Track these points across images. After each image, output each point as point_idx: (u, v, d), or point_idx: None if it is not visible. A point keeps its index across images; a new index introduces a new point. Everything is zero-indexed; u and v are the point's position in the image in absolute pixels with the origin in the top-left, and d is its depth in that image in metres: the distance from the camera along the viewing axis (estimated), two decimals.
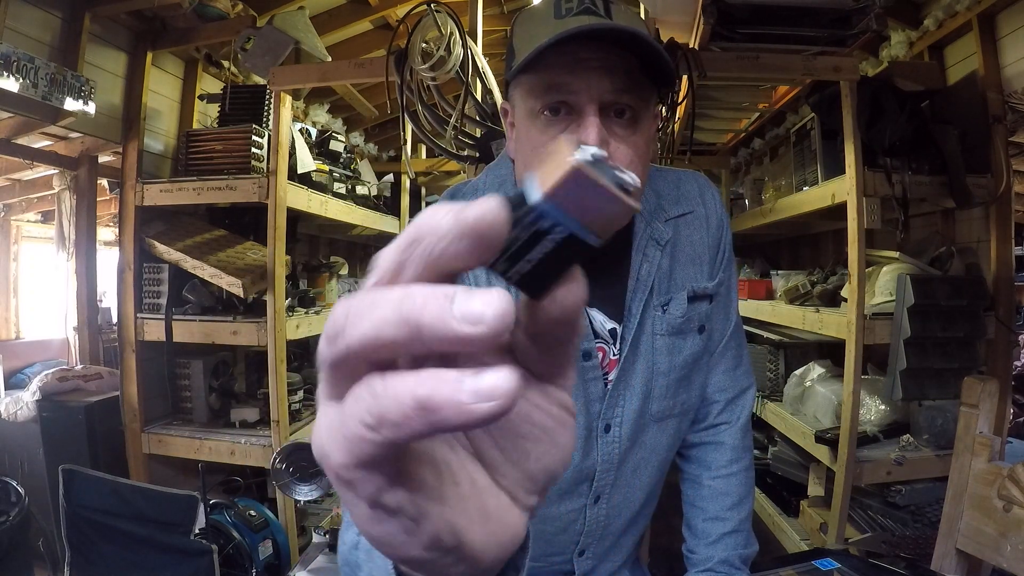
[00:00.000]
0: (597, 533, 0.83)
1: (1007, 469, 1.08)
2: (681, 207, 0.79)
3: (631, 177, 0.23)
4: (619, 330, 0.75)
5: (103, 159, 2.94)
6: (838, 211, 2.24)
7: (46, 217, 4.53)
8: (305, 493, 2.06)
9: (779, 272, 3.25)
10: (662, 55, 0.61)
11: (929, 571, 0.99)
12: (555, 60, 0.61)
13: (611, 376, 0.76)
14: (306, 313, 2.74)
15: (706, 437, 0.90)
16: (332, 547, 1.88)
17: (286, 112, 2.39)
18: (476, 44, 2.37)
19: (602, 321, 0.76)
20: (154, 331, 2.48)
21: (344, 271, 3.56)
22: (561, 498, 0.78)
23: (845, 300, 2.33)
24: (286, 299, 2.46)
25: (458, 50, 2.14)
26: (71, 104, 2.12)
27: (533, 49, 0.60)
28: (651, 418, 0.79)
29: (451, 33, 2.12)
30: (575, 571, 0.86)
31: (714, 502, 0.88)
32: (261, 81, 2.66)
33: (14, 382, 3.57)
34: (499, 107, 0.81)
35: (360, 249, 5.03)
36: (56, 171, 2.93)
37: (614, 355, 0.76)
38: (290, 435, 2.41)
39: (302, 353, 3.42)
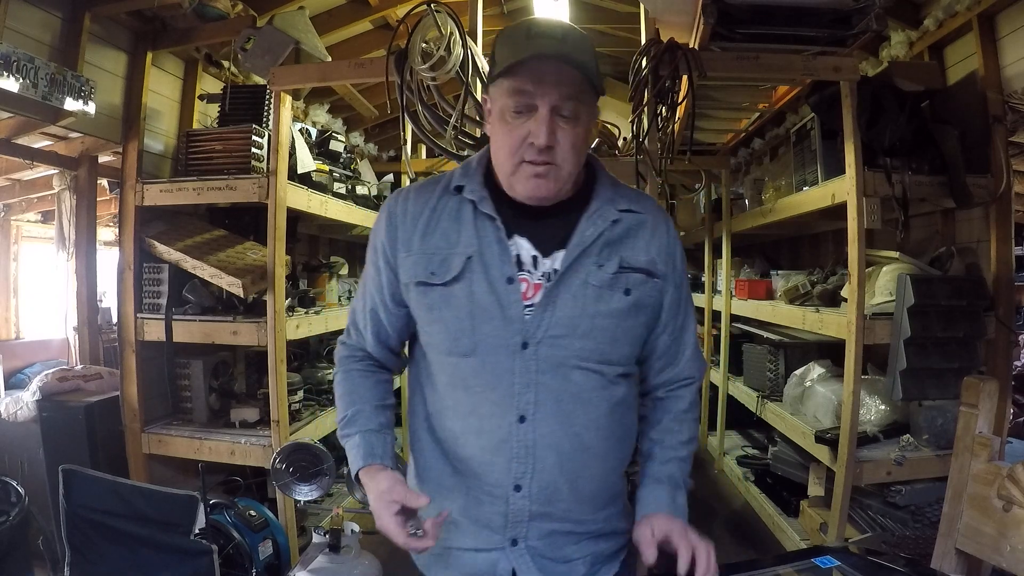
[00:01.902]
0: (528, 462, 0.92)
1: (1007, 469, 1.08)
2: (634, 207, 0.99)
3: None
4: (541, 260, 0.93)
5: (103, 159, 2.94)
6: (838, 211, 2.24)
7: (46, 217, 4.53)
8: (305, 493, 2.06)
9: (779, 272, 3.25)
10: (592, 77, 0.88)
11: (929, 570, 0.99)
12: (523, 73, 0.86)
13: (536, 299, 0.92)
14: (306, 313, 2.74)
15: (671, 392, 1.06)
16: (332, 547, 1.88)
17: (286, 112, 2.40)
18: (476, 44, 2.37)
19: (528, 249, 0.94)
20: (154, 331, 2.48)
21: (344, 271, 3.56)
22: (492, 410, 0.92)
23: (845, 300, 2.33)
24: (286, 299, 2.47)
25: (458, 50, 2.14)
26: (71, 104, 2.13)
27: (507, 63, 0.86)
28: (576, 354, 0.92)
29: (451, 33, 2.12)
30: (509, 508, 0.93)
31: (671, 436, 1.04)
32: (261, 81, 2.66)
33: (14, 382, 3.57)
34: (481, 98, 1.02)
35: (360, 249, 5.01)
36: (56, 171, 2.93)
37: (536, 280, 0.93)
38: (290, 435, 2.41)
39: (302, 353, 3.42)
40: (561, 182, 0.92)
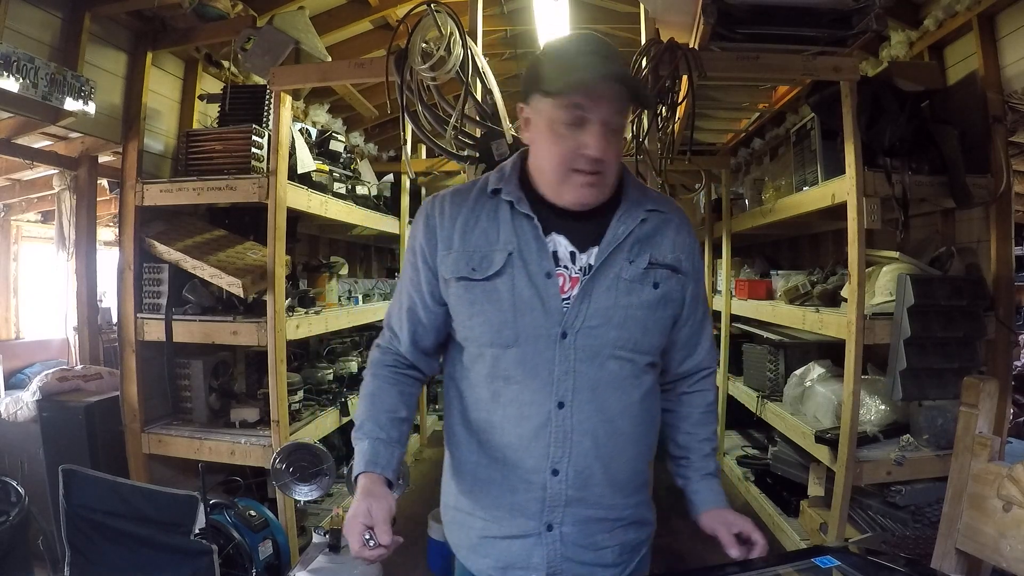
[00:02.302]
0: (566, 447, 0.97)
1: (1007, 469, 1.08)
2: (658, 207, 1.06)
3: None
4: (578, 255, 1.00)
5: (103, 159, 2.94)
6: (838, 211, 2.24)
7: (46, 217, 4.53)
8: (305, 493, 2.06)
9: (779, 272, 3.25)
10: (644, 92, 1.02)
11: (929, 569, 0.98)
12: (579, 90, 0.93)
13: (574, 292, 0.98)
14: (306, 313, 2.74)
15: (696, 387, 1.14)
16: (332, 547, 1.88)
17: (286, 112, 2.40)
18: (476, 44, 2.37)
19: (565, 245, 1.00)
20: (154, 331, 2.48)
21: (344, 271, 3.56)
22: (532, 400, 0.97)
23: (845, 300, 2.33)
24: (286, 299, 2.46)
25: (458, 50, 2.14)
26: (71, 104, 2.12)
27: (563, 80, 0.92)
28: (610, 343, 0.98)
29: (451, 33, 2.12)
30: (546, 494, 0.98)
31: (704, 428, 1.13)
32: (261, 81, 2.66)
33: (14, 382, 3.57)
34: (517, 106, 1.06)
35: (360, 249, 5.03)
36: (56, 171, 2.93)
37: (575, 274, 0.99)
38: (290, 435, 2.41)
39: (302, 353, 3.42)
40: (607, 189, 1.00)
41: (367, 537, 0.89)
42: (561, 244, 1.00)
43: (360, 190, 3.37)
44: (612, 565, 1.03)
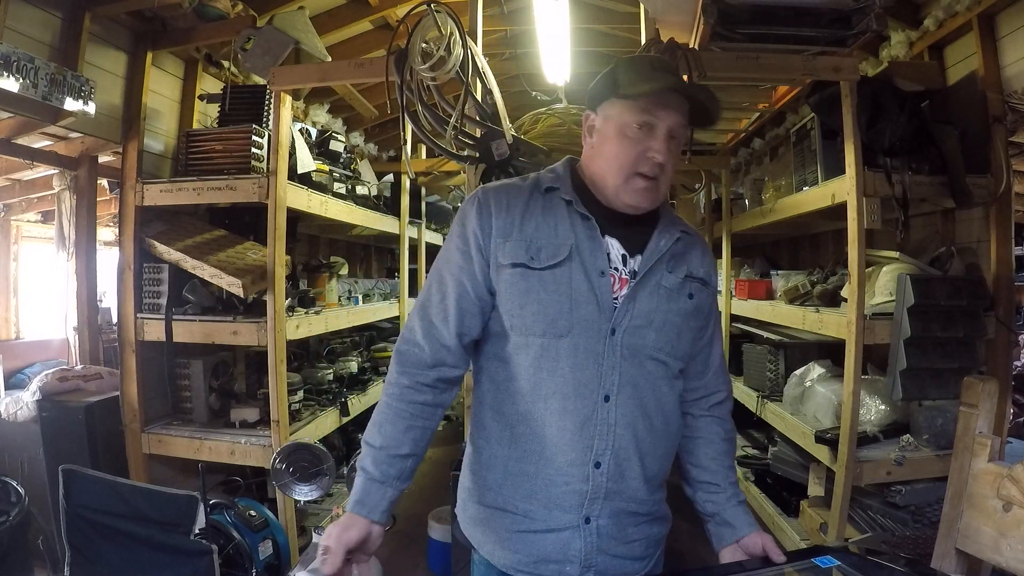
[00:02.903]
0: (609, 439, 1.00)
1: (1007, 469, 1.08)
2: (688, 231, 1.14)
3: None
4: (628, 258, 1.06)
5: (103, 159, 2.94)
6: (838, 211, 2.24)
7: (46, 217, 4.53)
8: (305, 493, 2.06)
9: (779, 272, 3.25)
10: (711, 109, 1.06)
11: (929, 570, 0.98)
12: (653, 97, 1.02)
13: (622, 292, 1.04)
14: (306, 313, 2.74)
15: (715, 412, 1.17)
16: None
17: (286, 112, 2.40)
18: (476, 44, 2.37)
19: (618, 248, 1.06)
20: (154, 331, 2.48)
21: (344, 271, 3.56)
22: (578, 393, 1.00)
23: (845, 300, 2.33)
24: (286, 299, 2.46)
25: (458, 50, 2.14)
26: (71, 104, 2.12)
27: (639, 87, 1.01)
28: (649, 345, 1.04)
29: (451, 33, 2.12)
30: (588, 487, 1.00)
31: (728, 457, 1.16)
32: (261, 81, 2.66)
33: (14, 382, 3.57)
34: (583, 115, 1.13)
35: (360, 249, 5.03)
36: (56, 171, 2.93)
37: (624, 276, 1.05)
38: (290, 435, 2.41)
39: (302, 353, 3.42)
40: (661, 197, 1.08)
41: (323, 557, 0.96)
42: (614, 247, 1.06)
43: (360, 190, 3.37)
44: (640, 558, 1.07)
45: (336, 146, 3.19)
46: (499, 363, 1.05)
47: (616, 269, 1.05)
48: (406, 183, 4.02)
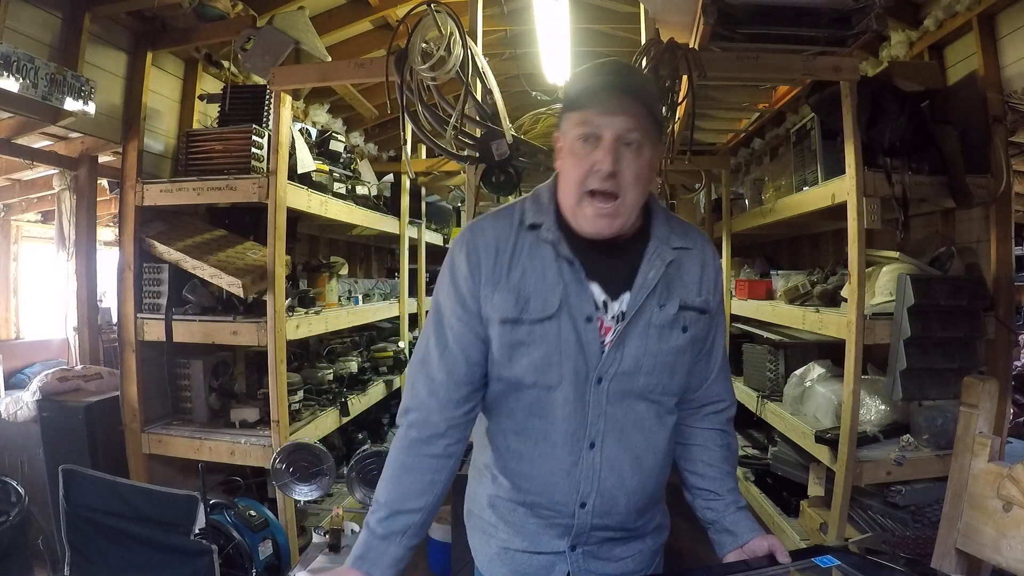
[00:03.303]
0: (594, 483, 0.99)
1: (1007, 469, 1.08)
2: (685, 243, 1.04)
3: None
4: (610, 303, 0.99)
5: (103, 159, 2.94)
6: (838, 211, 2.24)
7: (46, 217, 4.53)
8: (305, 493, 2.06)
9: (779, 272, 3.25)
10: (653, 110, 0.96)
11: (929, 569, 0.98)
12: (591, 104, 0.94)
13: (607, 339, 0.98)
14: (306, 313, 2.74)
15: (713, 421, 1.13)
16: (332, 547, 1.88)
17: (286, 112, 2.39)
18: (476, 44, 2.37)
19: (598, 294, 0.99)
20: (154, 331, 2.48)
21: (344, 271, 3.56)
22: (565, 438, 0.98)
23: (845, 300, 2.33)
24: (286, 299, 2.46)
25: (458, 50, 2.14)
26: (71, 104, 2.12)
27: (577, 93, 0.95)
28: (639, 389, 0.99)
29: (451, 33, 2.12)
30: (574, 522, 1.00)
31: (724, 465, 1.12)
32: (261, 81, 2.66)
33: (14, 382, 3.57)
34: (554, 138, 1.06)
35: (360, 249, 5.02)
36: (56, 171, 2.93)
37: (608, 323, 0.99)
38: (290, 435, 2.41)
39: (302, 353, 3.42)
40: (624, 218, 0.96)
41: None
42: (595, 291, 0.99)
43: (360, 190, 3.36)
44: (632, 572, 1.07)
45: (336, 146, 3.19)
46: (493, 402, 1.05)
47: (598, 309, 0.99)
48: (406, 183, 4.02)
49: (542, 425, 0.99)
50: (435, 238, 4.65)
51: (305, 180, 2.74)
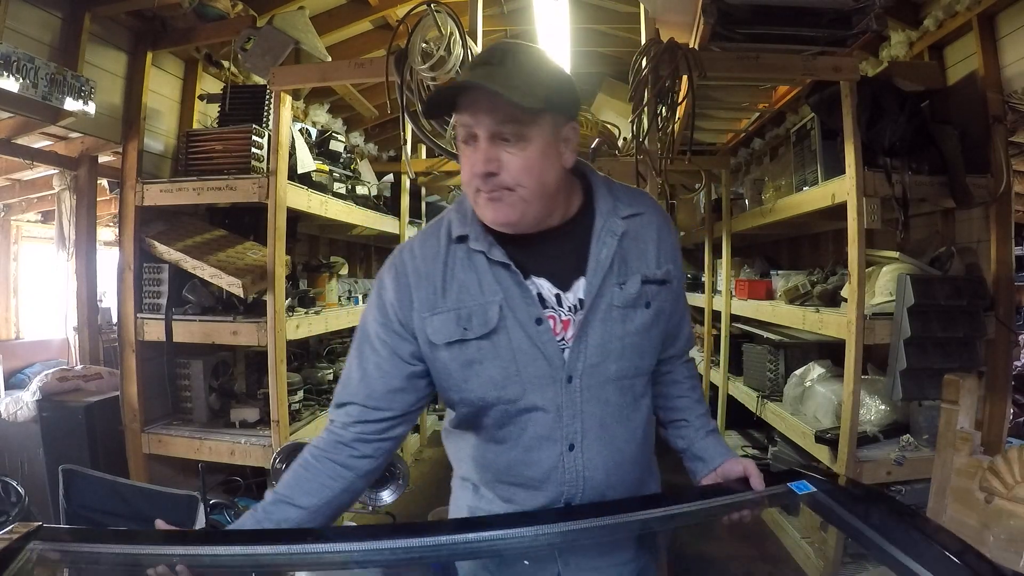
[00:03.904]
0: (578, 484, 0.95)
1: (987, 462, 1.10)
2: (634, 209, 0.99)
3: None
4: (564, 296, 0.95)
5: (103, 159, 2.94)
6: (838, 211, 2.24)
7: (46, 217, 4.53)
8: None
9: (779, 272, 3.25)
10: (534, 92, 0.85)
11: (903, 506, 0.92)
12: (462, 105, 0.88)
13: (568, 334, 0.94)
14: (306, 313, 2.74)
15: (678, 367, 1.12)
16: None
17: (286, 112, 2.40)
18: (476, 44, 2.37)
19: (548, 288, 0.95)
20: (154, 331, 2.48)
21: (344, 271, 3.56)
22: (541, 444, 0.94)
23: (845, 300, 2.33)
24: (286, 299, 2.46)
25: (458, 50, 2.14)
26: (71, 104, 2.12)
27: (444, 97, 0.90)
28: (611, 377, 0.95)
29: (451, 33, 2.13)
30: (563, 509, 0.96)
31: (693, 392, 1.12)
32: (261, 81, 2.66)
33: (14, 382, 3.57)
34: None
35: (360, 249, 5.02)
36: (56, 171, 2.93)
37: (564, 316, 0.94)
38: (290, 435, 2.41)
39: (302, 353, 3.42)
40: (524, 205, 0.89)
41: None
42: (544, 287, 0.94)
43: (360, 190, 3.37)
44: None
45: (336, 146, 3.19)
46: (463, 422, 1.01)
47: (553, 309, 0.94)
48: (406, 183, 4.02)
49: (517, 436, 0.95)
50: None
51: (305, 180, 2.74)
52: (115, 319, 2.77)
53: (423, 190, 4.29)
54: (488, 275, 0.93)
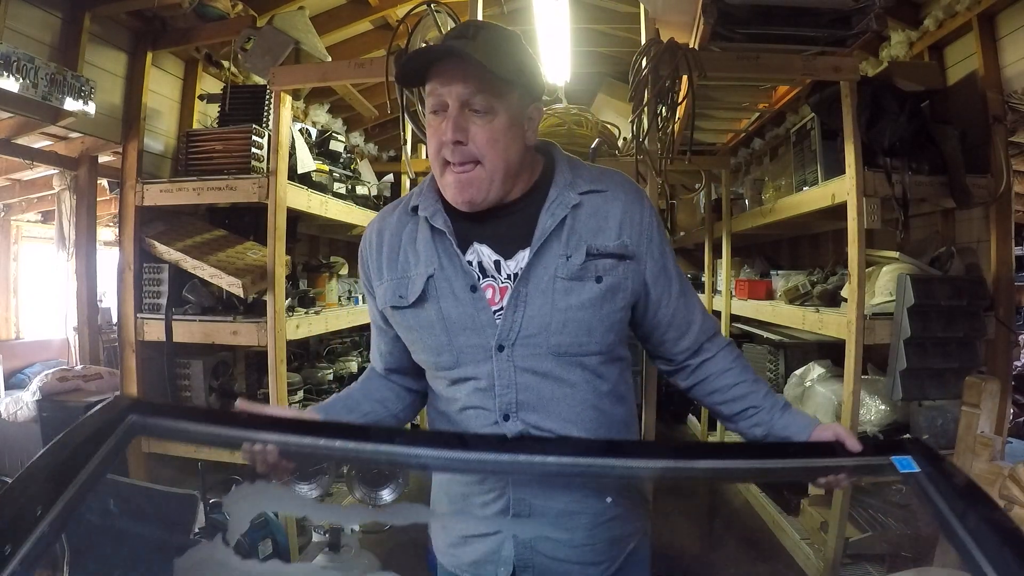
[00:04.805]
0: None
1: (1008, 469, 1.08)
2: (595, 185, 0.97)
3: None
4: (504, 263, 0.94)
5: (103, 159, 2.94)
6: (838, 211, 2.24)
7: (46, 217, 4.53)
8: (305, 492, 2.06)
9: (779, 272, 3.25)
10: (505, 68, 0.87)
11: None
12: (433, 73, 0.90)
13: (504, 302, 0.92)
14: (306, 313, 2.74)
15: (719, 348, 1.04)
16: (332, 547, 1.89)
17: (286, 112, 2.39)
18: None
19: (488, 255, 0.95)
20: (154, 331, 2.47)
21: (344, 271, 3.55)
22: (478, 414, 0.95)
23: (845, 300, 2.33)
24: (286, 299, 2.46)
25: None
26: (71, 104, 2.12)
27: (417, 65, 0.90)
28: (551, 351, 0.92)
29: None
30: (509, 502, 0.96)
31: (746, 374, 1.02)
32: (261, 81, 2.66)
33: (14, 382, 3.57)
34: None
35: None
36: (56, 171, 2.93)
37: (502, 284, 0.94)
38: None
39: (302, 353, 3.42)
40: (488, 184, 0.91)
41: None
42: (484, 254, 0.95)
43: (360, 190, 3.36)
44: (594, 563, 0.99)
45: (336, 146, 3.19)
46: (430, 391, 1.06)
47: (492, 278, 0.94)
48: (406, 183, 4.01)
49: (456, 402, 0.97)
50: None
51: (305, 180, 2.74)
52: (115, 319, 2.77)
53: None
54: (429, 244, 0.95)
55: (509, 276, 0.94)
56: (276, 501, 1.06)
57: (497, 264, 0.94)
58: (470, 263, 0.94)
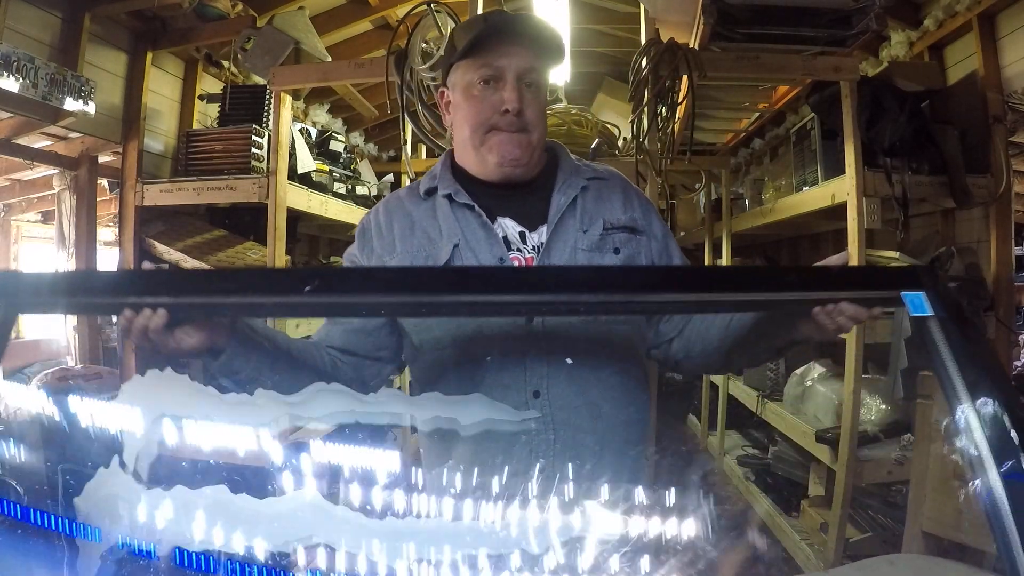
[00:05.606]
0: (548, 436, 0.88)
1: None
2: (598, 175, 1.03)
3: None
4: (529, 235, 0.96)
5: (103, 159, 2.94)
6: (838, 211, 2.24)
7: (46, 217, 4.53)
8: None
9: None
10: (556, 44, 0.96)
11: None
12: (488, 46, 0.93)
13: None
14: None
15: (689, 320, 1.00)
16: None
17: (286, 112, 2.39)
18: None
19: (513, 226, 0.97)
20: None
21: None
22: (504, 394, 0.88)
23: None
24: None
25: None
26: (71, 104, 2.12)
27: (471, 41, 0.92)
28: (580, 323, 0.93)
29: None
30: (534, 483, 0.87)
31: (724, 315, 0.96)
32: (261, 81, 2.66)
33: (14, 381, 3.57)
34: (439, 93, 1.05)
35: None
36: (56, 171, 2.92)
37: (528, 255, 0.95)
38: (290, 435, 2.41)
39: None
40: (532, 147, 0.96)
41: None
42: (509, 227, 0.97)
43: (360, 190, 3.36)
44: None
45: (336, 146, 3.19)
46: (424, 375, 0.97)
47: (518, 250, 0.95)
48: (406, 183, 4.00)
49: (478, 375, 0.89)
50: None
51: (305, 180, 2.74)
52: (115, 319, 2.76)
53: None
54: (451, 218, 0.96)
55: (535, 247, 0.96)
56: (180, 403, 0.74)
57: (522, 235, 0.97)
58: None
